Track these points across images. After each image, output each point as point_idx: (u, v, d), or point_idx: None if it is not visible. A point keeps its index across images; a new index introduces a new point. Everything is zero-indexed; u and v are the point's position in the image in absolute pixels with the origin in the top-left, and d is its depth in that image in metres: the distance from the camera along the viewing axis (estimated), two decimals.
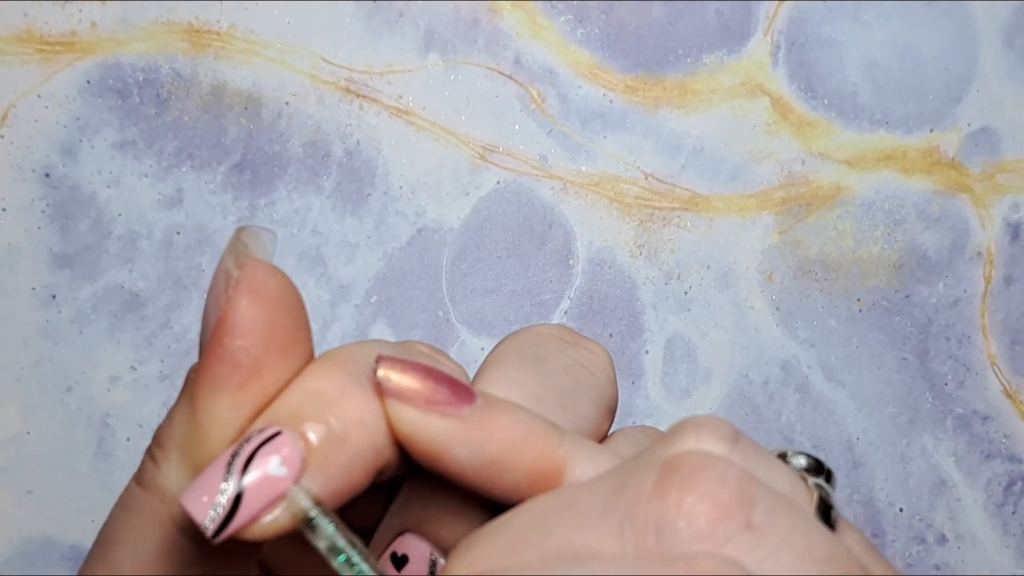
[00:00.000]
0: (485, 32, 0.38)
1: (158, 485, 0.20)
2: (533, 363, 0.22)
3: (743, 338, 0.40)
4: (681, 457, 0.17)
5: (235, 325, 0.19)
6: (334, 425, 0.19)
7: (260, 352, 0.19)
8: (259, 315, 0.19)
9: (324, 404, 0.19)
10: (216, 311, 0.19)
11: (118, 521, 0.21)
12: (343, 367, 0.19)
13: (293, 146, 0.37)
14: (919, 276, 0.41)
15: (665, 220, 0.39)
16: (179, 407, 0.20)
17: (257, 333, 0.19)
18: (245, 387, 0.19)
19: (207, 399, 0.19)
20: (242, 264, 0.19)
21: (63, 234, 0.36)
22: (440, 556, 0.21)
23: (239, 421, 0.19)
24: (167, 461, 0.20)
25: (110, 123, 0.36)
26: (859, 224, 0.40)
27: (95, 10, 0.36)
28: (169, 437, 0.20)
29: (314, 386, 0.19)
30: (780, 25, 0.40)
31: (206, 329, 0.19)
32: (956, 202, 0.41)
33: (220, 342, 0.19)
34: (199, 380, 0.19)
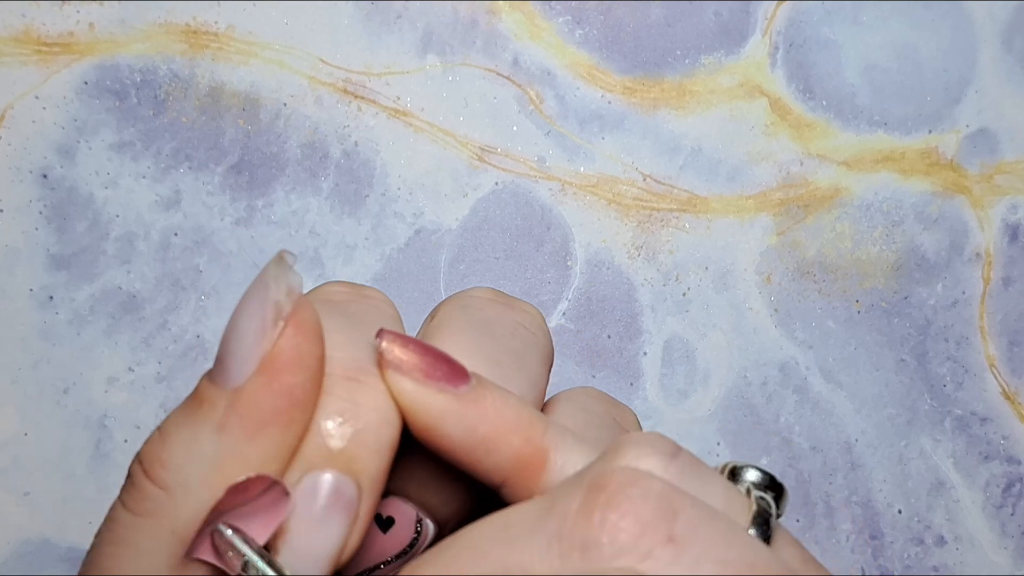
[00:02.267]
0: (483, 33, 0.38)
1: (171, 514, 0.18)
2: (483, 328, 0.22)
3: (741, 339, 0.40)
4: (608, 475, 0.17)
5: (292, 361, 0.19)
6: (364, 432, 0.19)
7: (312, 388, 0.19)
8: (314, 352, 0.19)
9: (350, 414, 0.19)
10: (261, 340, 0.18)
11: (112, 558, 0.19)
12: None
13: (291, 147, 0.37)
14: (917, 277, 0.41)
15: (663, 221, 0.39)
16: (199, 434, 0.19)
17: (312, 369, 0.19)
18: (295, 423, 0.19)
19: (257, 433, 0.18)
20: (294, 298, 0.19)
21: (61, 235, 0.36)
22: (427, 518, 0.21)
23: (283, 456, 0.19)
24: (185, 488, 0.18)
25: (108, 124, 0.36)
26: (857, 225, 0.40)
27: (93, 11, 0.36)
28: (188, 462, 0.19)
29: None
30: (778, 26, 0.40)
31: (242, 355, 0.19)
32: (954, 203, 0.41)
33: (276, 377, 0.18)
34: (248, 412, 0.18)
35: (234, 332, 0.18)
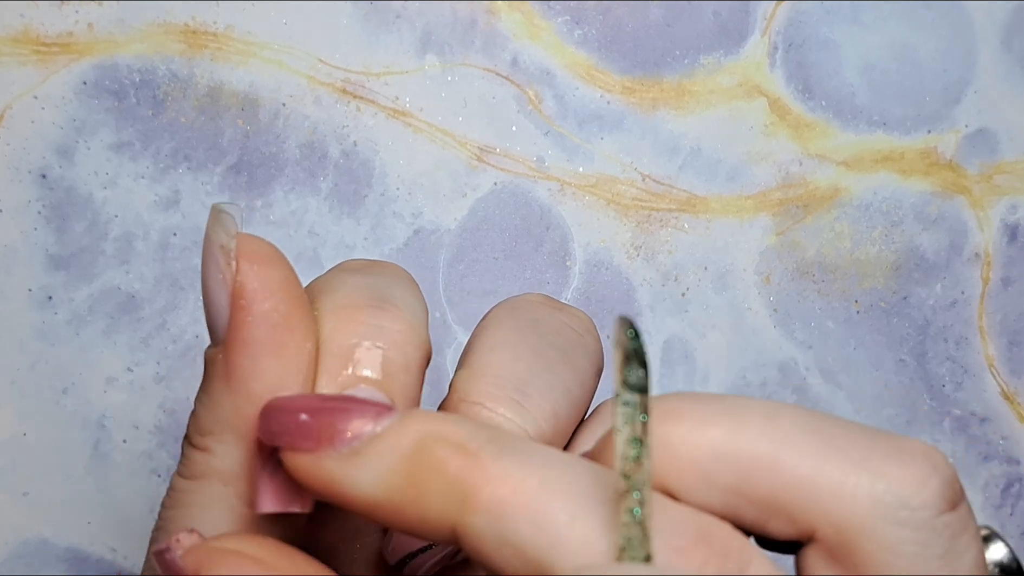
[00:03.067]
0: (482, 33, 0.38)
1: (218, 470, 0.20)
2: (529, 325, 0.23)
3: (741, 339, 0.40)
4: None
5: (257, 290, 0.19)
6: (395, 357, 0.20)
7: (288, 309, 0.20)
8: (275, 275, 0.20)
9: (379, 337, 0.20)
10: (225, 286, 0.19)
11: (177, 520, 0.20)
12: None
13: (290, 147, 0.37)
14: (917, 278, 0.41)
15: (662, 221, 0.39)
16: (214, 392, 0.20)
17: (280, 292, 0.20)
18: (285, 346, 0.19)
19: (252, 368, 0.19)
20: (234, 236, 0.20)
21: (59, 235, 0.36)
22: None
23: (293, 381, 0.20)
24: (223, 444, 0.20)
25: (107, 124, 0.36)
26: (857, 225, 0.40)
27: (92, 11, 0.36)
28: (215, 422, 0.20)
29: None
30: (778, 26, 0.40)
31: (217, 307, 0.20)
32: (954, 203, 0.41)
33: (248, 310, 0.19)
34: (237, 352, 0.19)
35: (204, 294, 0.20)
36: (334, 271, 0.23)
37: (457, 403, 0.22)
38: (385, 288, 0.22)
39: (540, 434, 0.22)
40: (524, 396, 0.22)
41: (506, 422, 0.21)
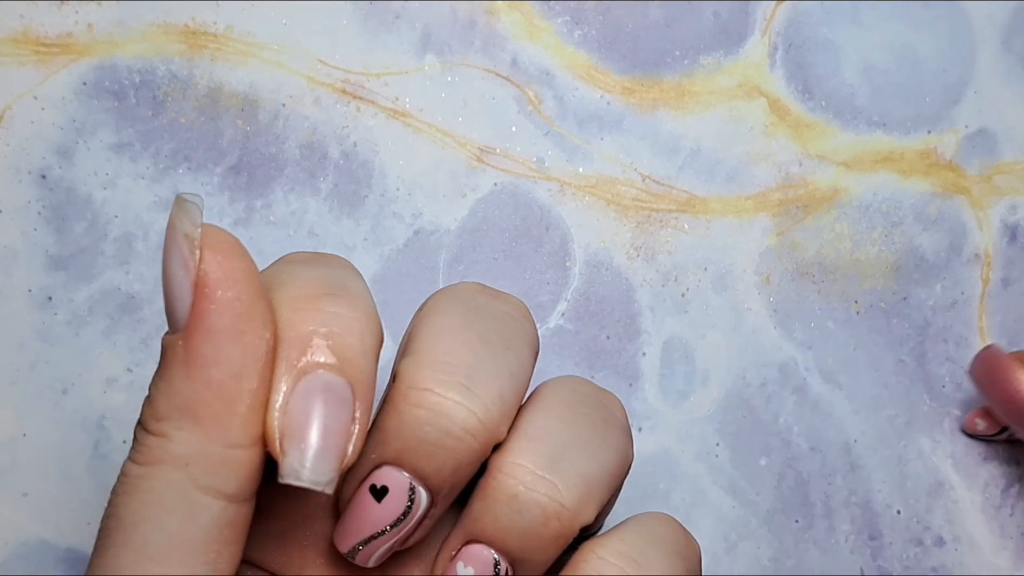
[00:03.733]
0: (482, 34, 0.38)
1: (173, 456, 0.20)
2: (471, 312, 0.24)
3: (741, 340, 0.40)
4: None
5: (220, 279, 0.20)
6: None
7: (249, 299, 0.20)
8: (238, 265, 0.20)
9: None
10: (188, 274, 0.20)
11: (130, 506, 0.21)
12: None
13: (290, 148, 0.37)
14: (917, 278, 0.41)
15: (662, 222, 0.39)
16: (172, 379, 0.20)
17: (242, 282, 0.20)
18: (245, 333, 0.20)
19: (213, 355, 0.20)
20: (199, 225, 0.20)
21: (59, 236, 0.36)
22: (420, 486, 0.22)
23: (252, 369, 0.20)
24: (179, 430, 0.20)
25: (106, 125, 0.36)
26: (857, 226, 0.40)
27: (91, 12, 0.36)
28: (172, 408, 0.20)
29: None
30: (777, 27, 0.40)
31: (178, 294, 0.20)
32: (954, 204, 0.41)
33: (211, 298, 0.20)
34: (198, 339, 0.20)
35: (166, 281, 0.20)
36: (281, 263, 0.23)
37: (405, 390, 0.22)
38: (336, 278, 0.22)
39: (488, 417, 0.22)
40: (472, 381, 0.22)
41: (455, 406, 0.22)
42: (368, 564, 0.23)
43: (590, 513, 0.23)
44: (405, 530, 0.23)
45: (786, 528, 0.39)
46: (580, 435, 0.24)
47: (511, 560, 0.23)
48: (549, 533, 0.23)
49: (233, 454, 0.21)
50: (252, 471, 0.21)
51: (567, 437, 0.24)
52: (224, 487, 0.21)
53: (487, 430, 0.22)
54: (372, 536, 0.23)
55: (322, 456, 0.21)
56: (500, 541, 0.23)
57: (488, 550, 0.23)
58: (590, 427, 0.24)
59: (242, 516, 0.22)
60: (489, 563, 0.23)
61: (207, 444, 0.20)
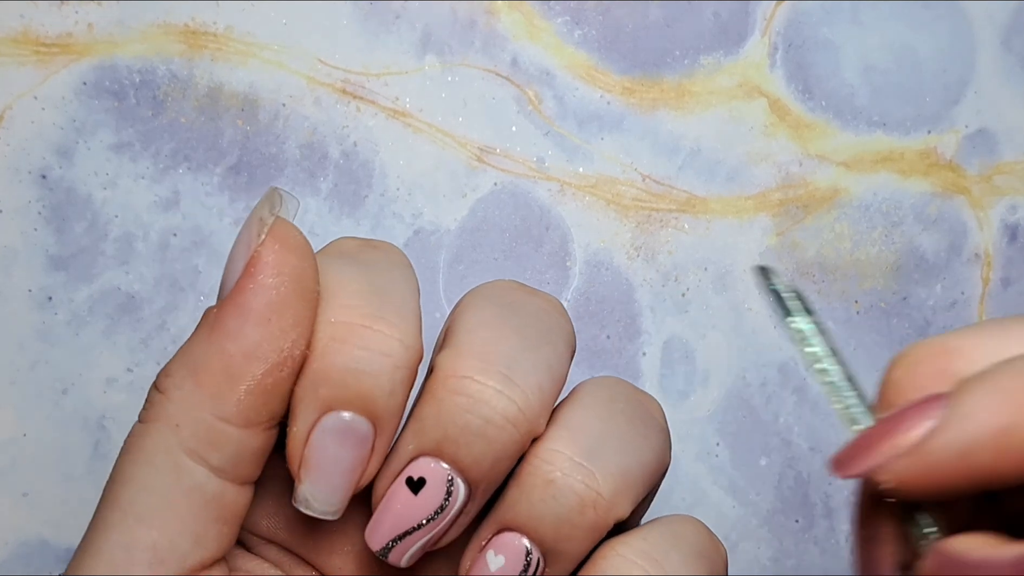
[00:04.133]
0: (482, 34, 0.38)
1: (169, 414, 0.21)
2: (508, 307, 0.24)
3: (741, 340, 0.39)
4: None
5: (269, 265, 0.21)
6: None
7: (288, 292, 0.21)
8: (290, 259, 0.21)
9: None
10: (247, 252, 0.21)
11: (125, 463, 0.21)
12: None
13: (290, 148, 0.37)
14: (917, 278, 0.41)
15: (662, 222, 0.39)
16: (195, 341, 0.21)
17: (288, 275, 0.21)
18: (271, 323, 0.21)
19: (237, 328, 0.21)
20: (275, 215, 0.21)
21: (59, 236, 0.36)
22: (459, 478, 0.22)
23: (267, 356, 0.21)
24: (177, 388, 0.21)
25: (106, 125, 0.36)
26: (857, 226, 0.40)
27: (91, 12, 0.36)
28: (181, 366, 0.21)
29: None
30: (777, 27, 0.40)
31: (232, 269, 0.21)
32: (954, 204, 0.41)
33: (254, 278, 0.21)
34: (228, 311, 0.21)
35: (229, 256, 0.21)
36: (330, 256, 0.24)
37: (444, 379, 0.22)
38: (381, 291, 0.23)
39: (528, 407, 0.22)
40: (511, 371, 0.22)
41: (496, 395, 0.22)
42: (401, 563, 0.23)
43: (626, 506, 0.23)
44: (441, 525, 0.22)
45: (786, 528, 0.39)
46: (618, 430, 0.24)
47: (544, 550, 0.22)
48: (584, 522, 0.22)
49: (222, 428, 0.21)
50: (241, 452, 0.21)
51: (605, 430, 0.23)
52: (208, 456, 0.21)
53: (527, 420, 0.22)
54: (407, 532, 0.22)
55: (333, 492, 0.21)
56: (533, 529, 0.22)
57: (521, 538, 0.22)
58: (628, 423, 0.24)
59: (233, 498, 0.22)
60: (521, 552, 0.22)
61: (199, 409, 0.21)
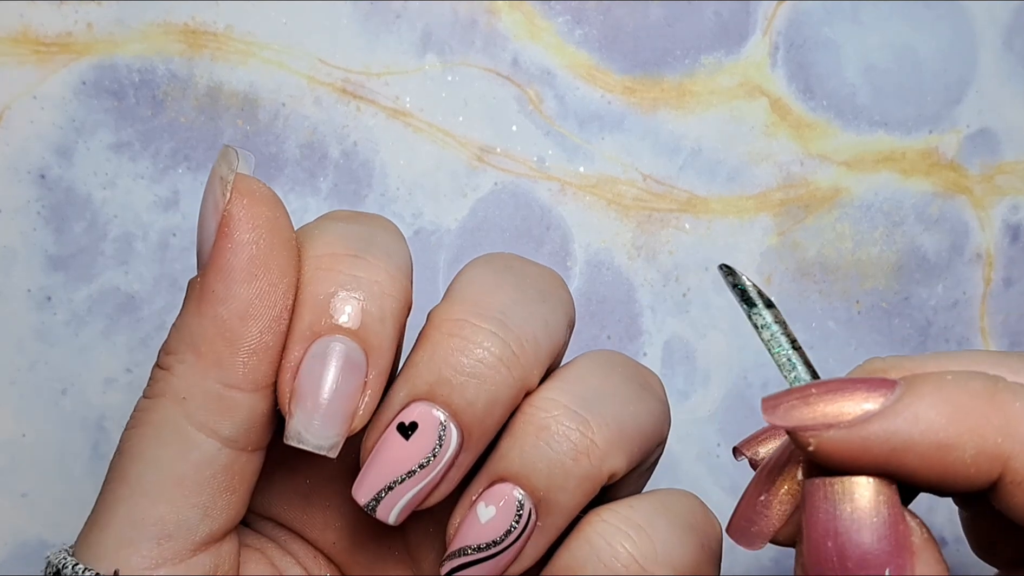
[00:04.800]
0: (483, 33, 0.38)
1: (174, 389, 0.21)
2: (507, 270, 0.23)
3: (742, 340, 0.39)
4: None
5: (242, 220, 0.20)
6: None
7: (268, 244, 0.20)
8: (262, 211, 0.21)
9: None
10: (216, 214, 0.20)
11: (132, 439, 0.21)
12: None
13: (290, 147, 0.37)
14: (918, 278, 0.41)
15: (663, 222, 0.39)
16: (186, 315, 0.21)
17: (263, 227, 0.21)
18: (257, 279, 0.20)
19: (224, 291, 0.20)
20: (235, 171, 0.21)
21: (58, 236, 0.35)
22: (452, 423, 0.21)
23: (261, 314, 0.20)
24: (181, 363, 0.21)
25: (106, 124, 0.36)
26: (858, 226, 0.40)
27: (91, 11, 0.35)
28: (180, 341, 0.21)
29: None
30: (779, 26, 0.40)
31: (205, 234, 0.21)
32: (955, 204, 0.41)
33: (230, 237, 0.20)
34: (212, 276, 0.20)
35: (198, 223, 0.21)
36: (320, 219, 0.24)
37: (438, 324, 0.22)
38: (367, 236, 0.22)
39: (522, 352, 0.22)
40: (507, 318, 0.22)
41: (490, 335, 0.21)
42: (389, 519, 0.22)
43: (620, 460, 0.22)
44: (432, 474, 0.21)
45: None
46: (615, 387, 0.23)
47: (536, 501, 0.22)
48: (578, 470, 0.21)
49: (231, 395, 0.21)
50: (253, 418, 0.21)
51: (602, 385, 0.23)
52: (219, 427, 0.21)
53: (521, 366, 0.21)
54: (396, 481, 0.21)
55: (326, 421, 0.21)
56: (526, 477, 0.22)
57: (513, 488, 0.21)
58: (625, 384, 0.24)
59: (242, 466, 0.21)
60: (512, 503, 0.21)
61: (205, 380, 0.20)
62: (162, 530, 0.21)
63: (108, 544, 0.21)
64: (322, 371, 0.21)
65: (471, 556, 0.22)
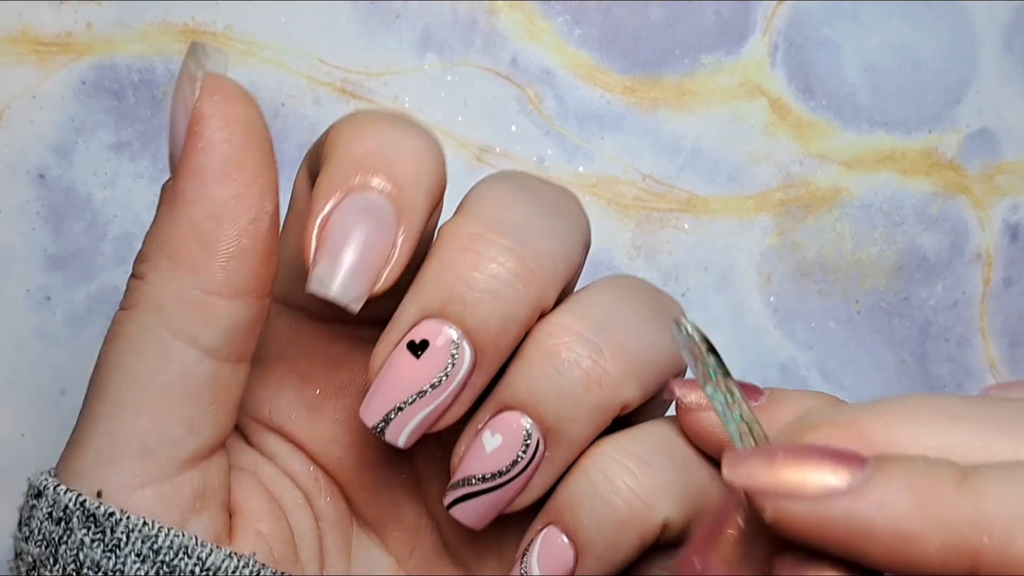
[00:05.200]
0: (482, 33, 0.38)
1: (149, 296, 0.20)
2: (522, 187, 0.22)
3: (741, 340, 0.39)
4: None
5: (214, 118, 0.19)
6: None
7: (241, 143, 0.20)
8: (235, 110, 0.20)
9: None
10: (186, 112, 0.19)
11: (110, 353, 0.20)
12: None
13: (289, 147, 0.37)
14: (918, 278, 0.41)
15: (663, 222, 0.39)
16: (159, 220, 0.20)
17: (236, 126, 0.20)
18: (232, 179, 0.19)
19: (197, 192, 0.19)
20: (203, 68, 0.20)
21: (58, 236, 0.35)
22: (465, 341, 0.20)
23: (236, 215, 0.19)
24: (155, 270, 0.20)
25: (105, 124, 0.36)
26: (858, 226, 0.40)
27: (91, 11, 0.35)
28: (154, 247, 0.20)
29: None
30: (778, 26, 0.40)
31: (176, 135, 0.19)
32: (955, 204, 0.41)
33: (200, 136, 0.19)
34: (183, 177, 0.19)
35: (170, 124, 0.20)
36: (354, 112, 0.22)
37: (450, 238, 0.21)
38: (408, 121, 0.21)
39: (539, 268, 0.20)
40: (522, 233, 0.21)
41: (505, 251, 0.20)
42: (399, 442, 0.20)
43: (633, 390, 0.21)
44: (444, 395, 0.20)
45: None
46: (632, 313, 0.22)
47: (544, 430, 0.20)
48: (589, 399, 0.20)
49: (211, 301, 0.20)
50: (234, 325, 0.20)
51: (617, 311, 0.22)
52: (199, 335, 0.20)
53: (537, 283, 0.20)
54: (406, 401, 0.20)
55: (354, 272, 0.20)
56: (534, 406, 0.20)
57: (520, 416, 0.20)
58: (644, 309, 0.22)
59: (227, 377, 0.20)
60: (520, 431, 0.20)
61: (181, 286, 0.19)
62: (144, 445, 0.20)
63: (88, 462, 0.20)
64: (352, 225, 0.20)
65: (476, 486, 0.21)
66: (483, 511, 0.21)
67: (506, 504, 0.21)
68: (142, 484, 0.20)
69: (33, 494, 0.21)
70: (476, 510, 0.21)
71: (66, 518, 0.20)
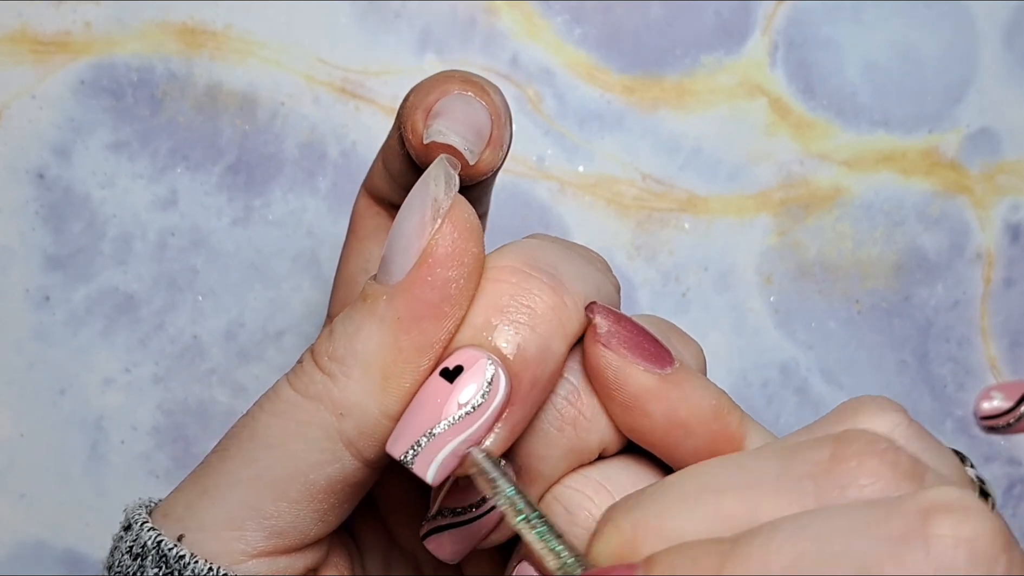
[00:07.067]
0: (482, 32, 0.38)
1: (333, 400, 0.20)
2: (553, 240, 0.23)
3: (742, 340, 0.39)
4: (854, 435, 0.18)
5: (447, 256, 0.19)
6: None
7: (464, 285, 0.20)
8: (469, 248, 0.20)
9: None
10: (420, 236, 0.19)
11: (271, 427, 0.20)
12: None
13: (288, 147, 0.37)
14: (918, 278, 0.41)
15: (663, 221, 0.39)
16: (364, 328, 0.20)
17: (467, 266, 0.20)
18: (447, 317, 0.20)
19: (412, 325, 0.20)
20: (452, 197, 0.20)
21: (57, 235, 0.35)
22: (500, 368, 0.20)
23: (432, 350, 0.20)
24: (345, 376, 0.20)
25: (104, 124, 0.36)
26: (858, 225, 0.40)
27: (89, 10, 0.35)
28: (351, 354, 0.20)
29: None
30: (779, 25, 0.39)
31: (403, 250, 0.20)
32: (956, 203, 0.41)
33: (431, 270, 0.19)
34: (403, 302, 0.20)
35: (397, 230, 0.20)
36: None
37: (488, 270, 0.20)
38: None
39: (575, 305, 0.21)
40: (558, 272, 0.21)
41: (542, 285, 0.20)
42: (427, 476, 0.20)
43: (608, 431, 0.21)
44: (477, 423, 0.20)
45: None
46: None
47: (517, 467, 0.21)
48: (563, 440, 0.21)
49: (385, 424, 0.20)
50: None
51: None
52: (366, 451, 0.20)
53: (572, 320, 0.20)
54: (437, 428, 0.20)
55: (468, 128, 0.22)
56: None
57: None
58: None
59: (368, 480, 0.21)
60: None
61: (369, 403, 0.20)
62: (276, 526, 0.20)
63: (216, 518, 0.20)
64: (459, 105, 0.22)
65: (449, 519, 0.21)
66: (458, 545, 0.22)
67: (480, 539, 0.21)
68: (260, 555, 0.21)
69: (124, 526, 0.21)
70: (452, 543, 0.22)
71: (143, 555, 0.21)
